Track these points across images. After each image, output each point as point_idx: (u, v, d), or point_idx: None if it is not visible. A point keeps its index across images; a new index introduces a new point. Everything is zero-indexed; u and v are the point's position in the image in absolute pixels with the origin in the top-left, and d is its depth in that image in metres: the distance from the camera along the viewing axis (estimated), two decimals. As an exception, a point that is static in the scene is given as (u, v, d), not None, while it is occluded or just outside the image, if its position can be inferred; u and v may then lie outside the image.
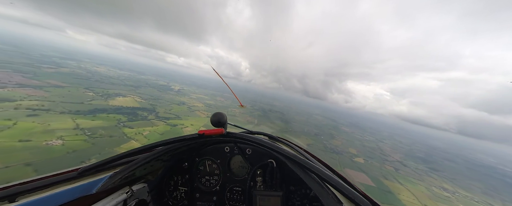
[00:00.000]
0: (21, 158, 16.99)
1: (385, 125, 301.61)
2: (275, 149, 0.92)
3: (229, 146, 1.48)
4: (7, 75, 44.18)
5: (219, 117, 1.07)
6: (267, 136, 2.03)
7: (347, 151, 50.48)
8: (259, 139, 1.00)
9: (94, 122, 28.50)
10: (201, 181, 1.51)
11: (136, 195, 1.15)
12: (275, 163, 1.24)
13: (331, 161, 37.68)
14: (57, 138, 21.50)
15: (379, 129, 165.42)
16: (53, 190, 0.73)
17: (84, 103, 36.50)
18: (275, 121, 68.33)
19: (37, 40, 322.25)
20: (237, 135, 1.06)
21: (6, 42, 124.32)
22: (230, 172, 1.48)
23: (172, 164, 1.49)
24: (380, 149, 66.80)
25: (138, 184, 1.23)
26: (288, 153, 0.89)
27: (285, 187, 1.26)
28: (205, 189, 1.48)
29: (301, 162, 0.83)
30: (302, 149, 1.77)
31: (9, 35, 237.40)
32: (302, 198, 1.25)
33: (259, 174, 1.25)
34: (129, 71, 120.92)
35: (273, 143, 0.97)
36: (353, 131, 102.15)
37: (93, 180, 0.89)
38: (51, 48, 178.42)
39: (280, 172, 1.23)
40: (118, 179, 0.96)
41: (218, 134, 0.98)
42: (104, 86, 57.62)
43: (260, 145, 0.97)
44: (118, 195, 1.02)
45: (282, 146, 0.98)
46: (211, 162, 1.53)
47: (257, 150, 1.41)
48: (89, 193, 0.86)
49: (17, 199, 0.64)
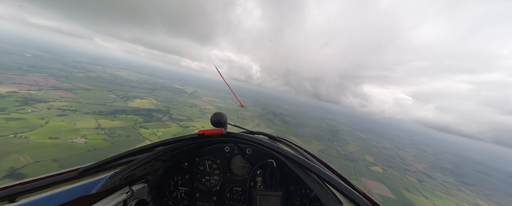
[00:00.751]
0: (49, 154, 18.60)
1: (406, 131, 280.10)
2: (275, 149, 0.93)
3: (229, 146, 1.48)
4: (44, 79, 49.61)
5: (219, 117, 1.07)
6: (267, 136, 2.02)
7: (363, 159, 47.39)
8: (259, 139, 1.00)
9: (114, 122, 30.45)
10: (201, 181, 1.51)
11: (136, 195, 1.15)
12: (275, 163, 1.24)
13: (345, 169, 35.58)
14: (81, 136, 23.27)
15: (400, 135, 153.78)
16: (53, 190, 0.73)
17: (106, 104, 39.34)
18: (285, 125, 67.06)
19: (70, 48, 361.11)
20: (237, 135, 1.06)
21: (44, 49, 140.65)
22: (230, 172, 1.48)
23: (172, 164, 1.49)
24: (401, 158, 61.69)
25: (138, 184, 1.23)
26: (288, 153, 0.89)
27: (285, 187, 1.26)
28: (205, 189, 1.48)
29: (301, 162, 0.83)
30: (302, 149, 1.74)
31: (47, 44, 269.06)
32: (302, 198, 1.26)
33: (259, 174, 1.25)
34: (147, 75, 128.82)
35: (273, 143, 0.97)
36: (369, 137, 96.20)
37: (93, 180, 0.89)
38: (82, 55, 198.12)
39: (280, 172, 1.24)
40: (118, 179, 0.96)
41: (218, 134, 0.98)
42: (124, 89, 61.82)
43: (260, 145, 0.98)
44: (118, 195, 1.02)
45: (282, 146, 0.98)
46: (211, 162, 1.52)
47: (257, 150, 1.41)
48: (89, 193, 0.86)
49: (17, 199, 0.64)
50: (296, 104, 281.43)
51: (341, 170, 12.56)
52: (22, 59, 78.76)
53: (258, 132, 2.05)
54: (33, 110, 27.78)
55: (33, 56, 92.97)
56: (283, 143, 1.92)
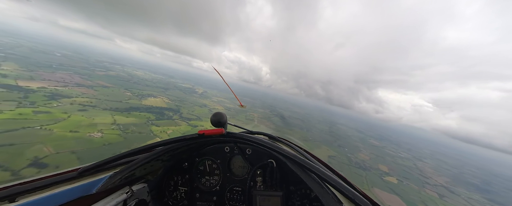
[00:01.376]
0: (69, 146, 19.87)
1: (425, 141, 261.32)
2: (275, 149, 0.93)
3: (229, 146, 1.47)
4: (69, 76, 53.74)
5: (219, 117, 1.08)
6: (267, 136, 2.00)
7: (376, 168, 44.76)
8: (259, 139, 1.00)
9: (128, 118, 31.93)
10: (201, 181, 1.51)
11: (136, 195, 1.15)
12: (275, 163, 1.24)
13: (356, 178, 33.81)
14: (98, 131, 24.64)
15: (418, 145, 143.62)
16: (53, 190, 0.73)
17: (123, 101, 41.49)
18: (293, 128, 65.78)
19: (94, 48, 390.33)
20: (237, 135, 1.07)
21: (72, 49, 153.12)
22: (230, 172, 1.47)
23: (172, 164, 1.49)
24: (419, 169, 57.37)
25: (138, 184, 1.23)
26: (288, 153, 0.89)
27: (285, 187, 1.26)
28: (205, 189, 1.47)
29: (301, 162, 0.83)
30: (302, 149, 1.72)
31: (73, 44, 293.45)
32: (302, 198, 1.26)
33: (259, 174, 1.25)
34: (161, 75, 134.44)
35: (273, 143, 0.97)
36: (384, 145, 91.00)
37: (93, 180, 0.89)
38: (104, 55, 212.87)
39: (280, 172, 1.24)
40: (118, 179, 0.96)
41: (218, 134, 0.98)
42: (140, 87, 64.93)
43: (260, 145, 0.98)
44: (118, 195, 1.02)
45: (282, 146, 0.98)
46: (211, 162, 1.52)
47: (257, 150, 1.41)
48: (89, 193, 0.86)
49: (17, 199, 0.64)
50: (306, 107, 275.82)
51: (352, 178, 11.85)
52: (53, 58, 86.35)
53: (258, 132, 2.03)
54: (58, 104, 30.07)
55: (62, 55, 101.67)
56: (283, 143, 1.90)
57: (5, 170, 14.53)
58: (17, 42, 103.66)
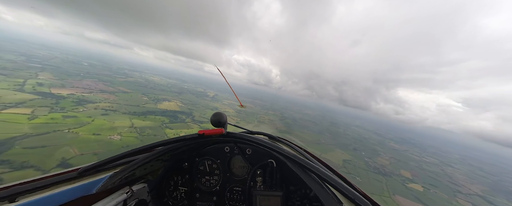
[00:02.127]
0: (92, 148, 21.38)
1: (455, 144, 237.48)
2: (275, 149, 0.93)
3: (229, 146, 1.48)
4: (94, 83, 58.58)
5: (219, 117, 1.09)
6: (267, 136, 1.99)
7: (398, 174, 41.42)
8: (259, 139, 1.01)
9: (145, 122, 33.64)
10: (201, 181, 1.51)
11: (136, 195, 1.15)
12: (275, 163, 1.25)
13: (375, 184, 31.56)
14: (117, 133, 26.25)
15: (445, 149, 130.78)
16: (53, 190, 0.73)
17: (140, 105, 43.95)
18: (305, 131, 63.97)
19: (116, 57, 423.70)
20: (237, 135, 1.07)
21: (97, 59, 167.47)
22: (230, 172, 1.48)
23: (172, 164, 1.48)
24: (448, 176, 51.93)
25: (138, 184, 1.23)
26: (288, 153, 0.89)
27: (285, 187, 1.26)
28: (205, 189, 1.48)
29: (301, 162, 0.83)
30: (302, 149, 1.73)
31: (98, 53, 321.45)
32: (302, 198, 1.26)
33: (259, 174, 1.26)
34: (175, 80, 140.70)
35: (273, 143, 0.98)
36: (406, 148, 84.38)
37: (93, 180, 0.89)
38: (124, 63, 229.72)
39: (280, 172, 1.24)
40: (118, 179, 0.96)
41: (218, 134, 0.99)
42: (155, 92, 68.44)
43: (260, 145, 0.99)
44: (118, 195, 1.02)
45: (282, 146, 0.98)
46: (211, 162, 1.52)
47: (257, 150, 1.42)
48: (89, 193, 0.86)
49: (17, 199, 0.64)
50: (318, 108, 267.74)
51: (370, 185, 10.68)
52: (81, 67, 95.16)
53: (258, 132, 2.02)
54: (83, 109, 32.76)
55: (88, 64, 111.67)
56: (283, 143, 1.89)
57: (37, 169, 16.02)
58: (52, 54, 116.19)
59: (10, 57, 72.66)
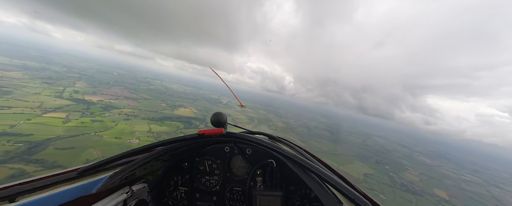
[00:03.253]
0: (113, 150, 22.82)
1: (501, 160, 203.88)
2: (275, 149, 0.93)
3: (229, 146, 1.48)
4: (120, 90, 64.23)
5: (219, 117, 1.09)
6: (267, 136, 1.98)
7: (431, 193, 36.36)
8: (259, 139, 1.01)
9: (161, 127, 35.29)
10: (201, 181, 1.51)
11: (136, 195, 1.16)
12: (275, 163, 1.25)
13: (404, 204, 27.97)
14: (136, 138, 27.81)
15: (490, 166, 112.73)
16: (53, 190, 0.73)
17: (158, 111, 46.56)
18: (320, 140, 60.77)
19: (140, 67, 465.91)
20: (237, 135, 1.07)
21: (125, 69, 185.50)
22: (230, 172, 1.48)
23: (172, 164, 1.49)
24: (497, 199, 43.99)
25: (138, 184, 1.23)
26: (288, 153, 0.89)
27: (285, 187, 1.27)
28: (205, 189, 1.48)
29: (301, 162, 0.83)
30: (302, 149, 1.73)
31: (125, 64, 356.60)
32: (302, 198, 1.26)
33: (259, 174, 1.26)
34: (192, 87, 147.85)
35: (273, 143, 0.98)
36: (439, 163, 74.71)
37: (93, 180, 0.89)
38: (147, 72, 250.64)
39: (280, 172, 1.24)
40: (118, 179, 0.95)
41: (218, 134, 0.99)
42: (173, 99, 72.31)
43: (260, 145, 0.99)
44: (118, 195, 1.02)
45: (282, 146, 0.98)
46: (211, 162, 1.52)
47: (257, 150, 1.41)
48: (89, 193, 0.86)
49: (17, 199, 0.64)
50: (334, 117, 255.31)
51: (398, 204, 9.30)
52: (111, 76, 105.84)
53: (258, 132, 2.00)
54: (109, 114, 35.72)
55: (117, 74, 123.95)
56: (283, 143, 1.88)
57: (63, 169, 17.48)
58: (88, 65, 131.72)
59: (55, 68, 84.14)
